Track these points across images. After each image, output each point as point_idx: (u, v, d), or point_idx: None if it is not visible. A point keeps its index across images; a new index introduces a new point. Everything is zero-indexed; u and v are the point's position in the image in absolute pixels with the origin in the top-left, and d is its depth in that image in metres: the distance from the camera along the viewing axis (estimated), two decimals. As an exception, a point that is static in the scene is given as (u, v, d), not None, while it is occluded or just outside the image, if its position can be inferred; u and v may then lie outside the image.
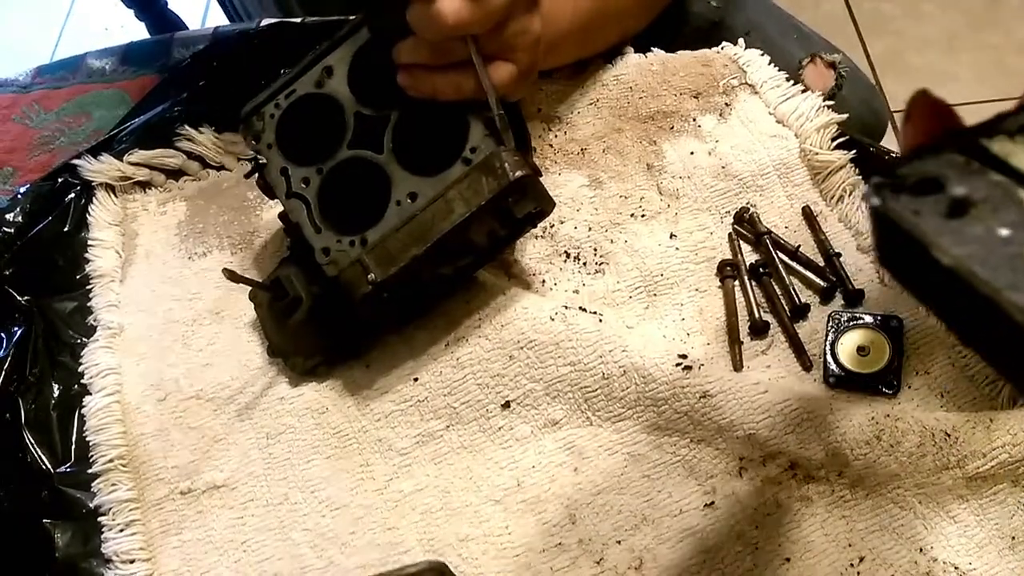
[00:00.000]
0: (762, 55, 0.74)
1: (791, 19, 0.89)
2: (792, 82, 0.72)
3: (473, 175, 0.56)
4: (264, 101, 0.64)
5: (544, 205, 0.59)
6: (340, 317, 0.62)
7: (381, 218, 0.58)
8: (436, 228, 0.56)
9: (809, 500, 0.55)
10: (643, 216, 0.67)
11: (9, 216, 0.72)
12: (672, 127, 0.71)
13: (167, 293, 0.69)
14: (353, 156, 0.61)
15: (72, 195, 0.74)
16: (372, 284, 0.56)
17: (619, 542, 0.56)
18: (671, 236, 0.66)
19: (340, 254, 0.58)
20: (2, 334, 0.68)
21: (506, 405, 0.60)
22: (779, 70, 0.73)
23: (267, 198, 0.65)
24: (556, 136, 0.72)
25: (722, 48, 0.75)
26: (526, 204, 0.58)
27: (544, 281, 0.65)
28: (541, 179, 0.59)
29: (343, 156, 0.61)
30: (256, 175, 0.64)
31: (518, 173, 0.56)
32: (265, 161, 0.63)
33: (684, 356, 0.58)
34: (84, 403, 0.64)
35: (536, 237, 0.67)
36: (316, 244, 0.59)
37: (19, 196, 0.74)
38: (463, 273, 0.62)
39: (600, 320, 0.60)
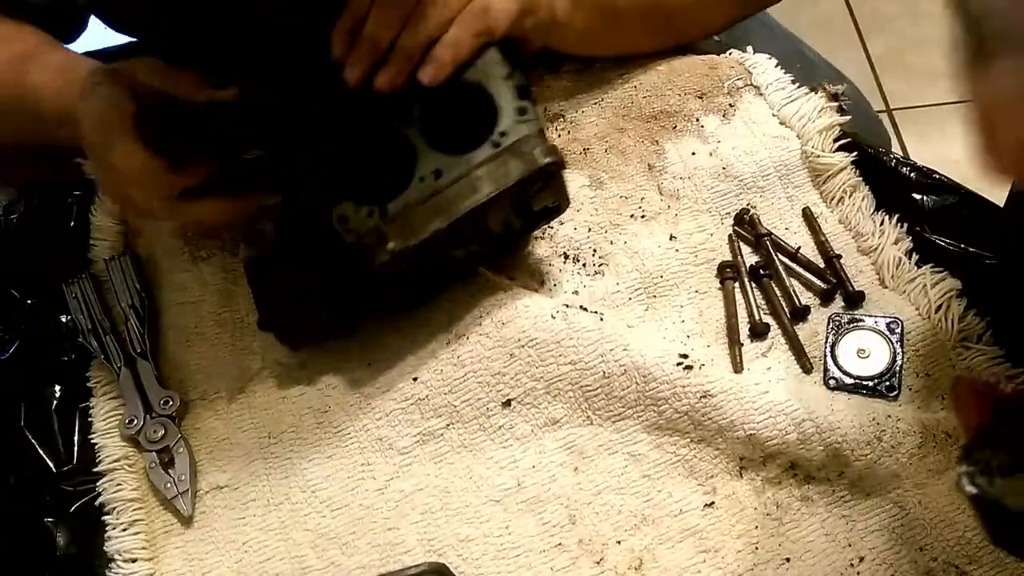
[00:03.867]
0: (769, 58, 0.74)
1: (798, 43, 0.89)
2: (797, 85, 0.72)
3: (503, 157, 0.57)
4: None
5: (561, 200, 0.61)
6: (342, 289, 0.62)
7: (402, 191, 0.58)
8: (460, 204, 0.57)
9: (809, 500, 0.55)
10: (643, 217, 0.68)
11: (10, 216, 0.72)
12: (675, 127, 0.71)
13: (168, 295, 0.69)
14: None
15: (74, 195, 0.74)
16: (391, 253, 0.56)
17: (619, 542, 0.56)
18: (671, 237, 0.66)
19: (358, 222, 0.58)
20: (4, 335, 0.68)
21: (507, 403, 0.60)
22: (785, 73, 0.73)
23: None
24: (560, 136, 0.72)
25: (729, 53, 0.75)
26: (546, 196, 0.60)
27: (544, 283, 0.65)
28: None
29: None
30: None
31: (548, 159, 0.57)
32: None
33: (685, 356, 0.58)
34: (89, 403, 0.65)
35: (536, 238, 0.67)
36: (334, 213, 0.58)
37: (20, 196, 0.74)
38: (473, 261, 0.62)
39: (601, 319, 0.61)
